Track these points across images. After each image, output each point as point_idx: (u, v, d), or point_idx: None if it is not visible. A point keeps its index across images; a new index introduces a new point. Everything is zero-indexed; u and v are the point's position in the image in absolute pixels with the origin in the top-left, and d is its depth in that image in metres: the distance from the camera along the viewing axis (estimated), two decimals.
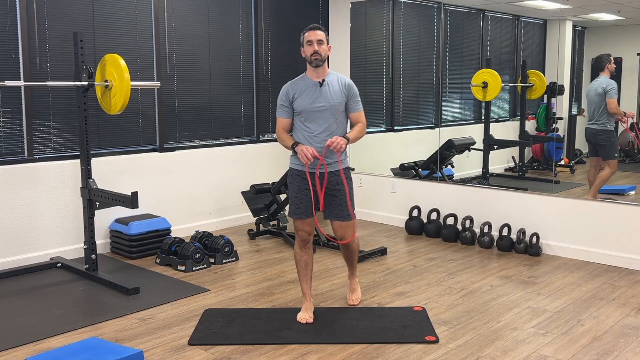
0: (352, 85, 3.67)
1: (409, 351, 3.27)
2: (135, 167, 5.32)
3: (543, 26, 6.51)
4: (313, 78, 3.59)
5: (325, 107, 3.55)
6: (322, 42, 3.53)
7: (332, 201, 3.66)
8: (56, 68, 4.85)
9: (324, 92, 3.56)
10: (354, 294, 4.00)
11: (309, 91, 3.57)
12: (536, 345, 3.34)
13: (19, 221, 4.71)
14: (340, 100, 3.59)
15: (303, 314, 3.68)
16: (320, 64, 3.54)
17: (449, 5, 6.35)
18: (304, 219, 3.65)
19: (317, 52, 3.51)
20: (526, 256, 5.06)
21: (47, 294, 4.19)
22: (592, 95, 5.58)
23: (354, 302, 3.94)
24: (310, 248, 3.73)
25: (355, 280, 4.05)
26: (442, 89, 6.46)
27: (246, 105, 6.22)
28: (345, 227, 3.71)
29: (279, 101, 3.65)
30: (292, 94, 3.60)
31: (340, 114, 3.63)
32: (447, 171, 6.26)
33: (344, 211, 3.67)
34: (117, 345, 3.14)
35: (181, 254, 4.71)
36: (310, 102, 3.55)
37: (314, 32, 3.53)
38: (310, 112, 3.56)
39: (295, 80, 3.67)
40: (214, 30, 5.87)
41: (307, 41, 3.54)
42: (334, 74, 3.65)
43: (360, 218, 6.41)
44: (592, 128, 5.59)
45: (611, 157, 5.50)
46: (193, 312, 3.83)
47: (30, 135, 4.76)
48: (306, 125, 3.58)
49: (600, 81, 5.51)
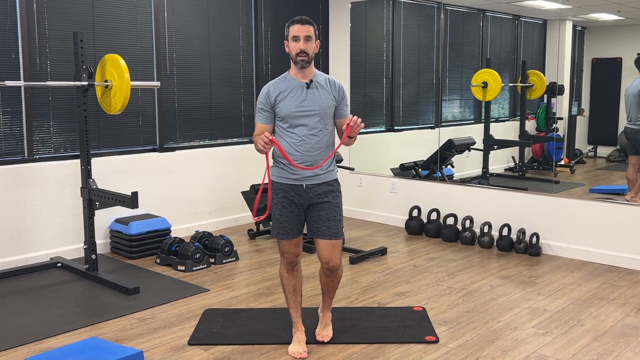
0: (343, 88, 3.21)
1: (409, 351, 3.27)
2: (135, 167, 5.32)
3: (543, 26, 6.51)
4: (298, 78, 3.10)
5: (314, 112, 3.07)
6: (311, 38, 3.03)
7: (317, 216, 3.13)
8: (56, 68, 4.85)
9: (312, 95, 3.08)
10: (325, 330, 3.39)
11: (294, 93, 3.07)
12: (536, 345, 3.34)
13: (19, 221, 4.71)
14: (330, 104, 3.12)
15: (295, 346, 3.22)
16: (306, 66, 3.06)
17: (449, 5, 6.36)
18: (290, 239, 3.16)
19: (304, 52, 3.02)
20: (526, 256, 5.06)
21: (47, 294, 4.19)
22: (630, 95, 5.51)
23: (324, 339, 3.34)
24: (298, 271, 3.26)
25: (329, 315, 3.42)
26: (442, 89, 6.46)
27: (246, 105, 6.22)
28: (333, 247, 3.14)
29: (258, 105, 3.15)
30: (274, 95, 3.09)
31: (330, 119, 3.14)
32: (447, 171, 6.26)
33: (332, 228, 3.12)
34: (117, 345, 3.14)
35: (181, 254, 4.70)
36: (295, 106, 3.06)
37: (302, 27, 3.01)
38: (296, 117, 3.06)
39: (276, 81, 3.14)
40: (214, 30, 5.87)
41: (292, 36, 3.03)
42: (322, 75, 3.18)
43: (360, 218, 6.41)
44: (632, 127, 5.53)
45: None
46: (193, 312, 3.83)
47: (30, 135, 4.76)
48: (290, 131, 3.08)
49: (638, 82, 5.44)
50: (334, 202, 3.15)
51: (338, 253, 3.18)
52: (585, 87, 6.30)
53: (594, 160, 6.43)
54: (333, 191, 3.16)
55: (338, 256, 3.18)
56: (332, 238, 3.14)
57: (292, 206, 3.13)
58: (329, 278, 3.27)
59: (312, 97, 3.09)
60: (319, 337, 3.37)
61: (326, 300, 3.38)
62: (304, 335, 3.29)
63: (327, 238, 3.14)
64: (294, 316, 3.30)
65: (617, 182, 5.68)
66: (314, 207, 3.14)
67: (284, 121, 3.09)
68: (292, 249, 3.19)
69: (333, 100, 3.15)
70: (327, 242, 3.15)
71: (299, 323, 3.29)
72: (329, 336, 3.38)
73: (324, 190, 3.13)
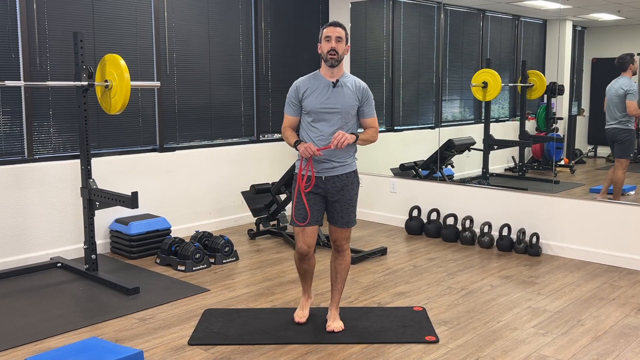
0: (367, 90, 3.44)
1: (409, 351, 3.27)
2: (135, 167, 5.32)
3: (543, 26, 6.51)
4: (327, 77, 3.38)
5: (336, 110, 3.33)
6: (341, 39, 3.31)
7: (333, 208, 3.43)
8: (56, 68, 4.85)
9: (336, 94, 3.35)
10: (335, 322, 3.52)
11: (320, 90, 3.35)
12: (536, 345, 3.34)
13: (19, 221, 4.71)
14: (353, 104, 3.37)
15: (298, 311, 3.65)
16: (336, 64, 3.32)
17: (449, 5, 6.36)
18: (305, 227, 3.38)
19: (335, 50, 3.29)
20: (526, 256, 5.06)
21: (47, 294, 4.19)
22: (612, 95, 5.52)
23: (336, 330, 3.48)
24: (311, 258, 3.51)
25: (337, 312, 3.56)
26: (442, 89, 6.46)
27: (246, 105, 6.22)
28: (342, 232, 3.46)
29: (288, 97, 3.45)
30: (302, 91, 3.38)
31: (352, 118, 3.39)
32: (447, 171, 6.26)
33: (344, 218, 3.44)
34: (117, 345, 3.14)
35: (181, 254, 4.70)
36: (320, 103, 3.34)
37: (334, 29, 3.31)
38: (320, 112, 3.34)
39: (307, 77, 3.44)
40: (214, 30, 5.87)
41: (325, 37, 3.32)
42: (350, 76, 3.44)
43: (360, 218, 6.41)
44: (613, 127, 5.55)
45: (626, 156, 5.46)
46: (193, 312, 3.83)
47: (30, 135, 4.76)
48: (314, 125, 3.37)
49: (621, 82, 5.42)
50: (348, 196, 3.44)
51: (347, 237, 3.50)
52: (585, 87, 6.30)
53: (594, 160, 6.43)
54: (348, 184, 3.43)
55: (347, 239, 3.50)
56: (344, 226, 3.47)
57: (312, 194, 3.40)
58: (336, 261, 3.53)
59: (337, 96, 3.36)
60: (329, 328, 3.51)
61: (335, 296, 3.57)
62: (308, 301, 3.67)
63: (340, 226, 3.47)
64: (304, 287, 3.66)
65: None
66: (332, 200, 3.43)
67: (309, 115, 3.39)
68: (306, 239, 3.42)
69: (356, 101, 3.40)
70: (335, 228, 3.48)
71: (307, 292, 3.66)
72: (341, 327, 3.51)
73: (341, 184, 3.41)
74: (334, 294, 3.57)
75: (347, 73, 3.44)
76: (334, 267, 3.54)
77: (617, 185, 5.39)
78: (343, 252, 3.51)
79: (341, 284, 3.55)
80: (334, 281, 3.56)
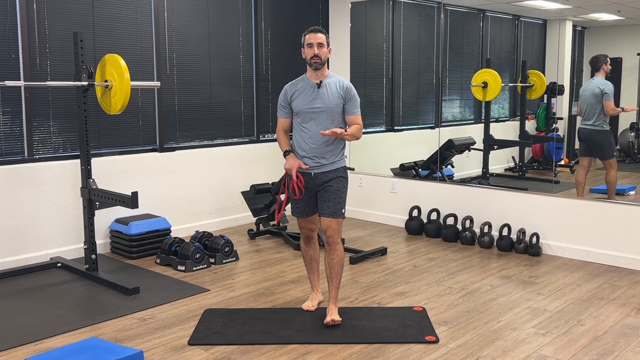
0: (351, 88, 3.64)
1: (409, 351, 3.27)
2: (135, 167, 5.32)
3: (543, 26, 6.51)
4: (312, 79, 3.62)
5: (321, 109, 3.56)
6: (323, 45, 3.56)
7: (321, 197, 3.64)
8: (56, 68, 4.85)
9: (321, 94, 3.58)
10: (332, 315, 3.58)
11: (306, 92, 3.60)
12: (536, 345, 3.34)
13: (19, 221, 4.71)
14: (337, 102, 3.58)
15: (307, 302, 3.86)
16: (319, 67, 3.56)
17: (449, 5, 6.35)
18: (304, 217, 3.74)
19: (317, 56, 3.54)
20: (526, 256, 5.06)
21: (47, 294, 4.19)
22: (588, 95, 5.56)
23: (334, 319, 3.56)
24: (315, 243, 3.82)
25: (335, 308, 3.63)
26: (442, 89, 6.46)
27: (246, 105, 6.22)
28: (330, 222, 3.58)
29: (278, 101, 3.71)
30: (290, 94, 3.65)
31: (338, 116, 3.61)
32: (447, 171, 6.26)
33: (331, 207, 3.58)
34: (117, 345, 3.14)
35: (181, 254, 4.71)
36: (306, 103, 3.58)
37: (315, 35, 3.55)
38: (307, 112, 3.58)
39: (294, 81, 3.70)
40: (214, 30, 5.87)
41: (307, 44, 3.57)
42: (334, 76, 3.66)
43: (360, 218, 6.41)
44: (588, 128, 5.58)
45: (610, 156, 5.50)
46: (193, 312, 3.83)
47: (30, 135, 4.76)
48: (304, 126, 3.61)
49: (597, 82, 5.49)
50: (336, 187, 3.62)
51: (335, 228, 3.61)
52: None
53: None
54: (337, 177, 3.63)
55: (336, 231, 3.61)
56: (331, 216, 3.59)
57: (305, 190, 3.62)
58: (329, 256, 3.63)
59: (322, 96, 3.58)
60: (327, 319, 3.56)
61: (331, 291, 3.66)
62: (317, 295, 3.89)
63: (326, 216, 3.61)
64: (311, 280, 3.90)
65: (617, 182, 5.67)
66: (320, 190, 3.64)
67: (298, 116, 3.63)
68: (307, 225, 3.77)
69: (340, 99, 3.60)
70: (323, 218, 3.63)
71: (315, 286, 3.89)
72: (339, 319, 3.58)
73: (330, 177, 3.62)
74: (330, 290, 3.68)
75: (331, 73, 3.67)
76: (327, 263, 3.67)
77: (612, 184, 5.41)
78: (334, 245, 3.62)
79: (336, 280, 3.66)
80: (329, 277, 3.69)
